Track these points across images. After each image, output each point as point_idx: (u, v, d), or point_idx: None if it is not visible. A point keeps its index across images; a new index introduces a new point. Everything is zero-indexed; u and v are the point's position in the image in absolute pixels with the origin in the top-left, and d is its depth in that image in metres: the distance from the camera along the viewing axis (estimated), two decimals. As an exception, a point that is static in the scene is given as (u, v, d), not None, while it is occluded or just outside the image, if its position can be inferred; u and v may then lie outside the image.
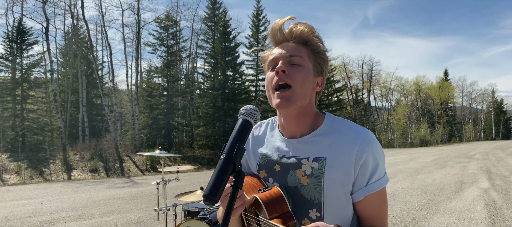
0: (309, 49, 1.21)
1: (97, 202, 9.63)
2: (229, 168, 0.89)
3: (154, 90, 28.56)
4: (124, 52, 30.27)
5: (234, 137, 0.95)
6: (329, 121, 1.25)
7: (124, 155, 21.72)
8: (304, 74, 1.17)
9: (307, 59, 1.19)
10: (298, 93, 1.16)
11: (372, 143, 1.18)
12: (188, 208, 4.80)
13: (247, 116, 1.01)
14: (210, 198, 0.85)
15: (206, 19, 31.30)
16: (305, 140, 1.23)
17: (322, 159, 1.18)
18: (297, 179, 1.21)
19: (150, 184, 13.18)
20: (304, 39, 1.20)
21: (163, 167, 5.43)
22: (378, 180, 1.18)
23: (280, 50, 1.20)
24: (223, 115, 27.83)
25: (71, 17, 27.20)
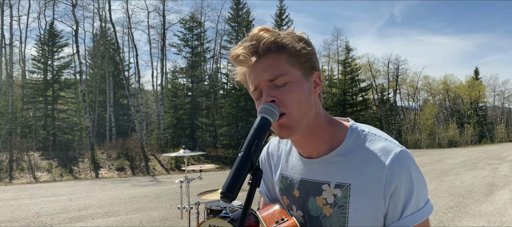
0: (285, 54, 0.98)
1: (123, 200, 9.87)
2: (246, 165, 0.86)
3: (178, 91, 29.02)
4: (150, 53, 30.96)
5: (252, 134, 0.91)
6: (353, 135, 1.05)
7: (150, 154, 22.15)
8: (295, 91, 0.98)
9: (291, 67, 0.98)
10: (296, 116, 0.98)
11: (404, 165, 0.97)
12: (210, 206, 4.85)
13: (265, 113, 0.94)
14: (227, 195, 0.82)
15: (230, 20, 31.54)
16: (325, 160, 1.06)
17: (346, 186, 1.01)
18: (318, 208, 1.06)
19: (174, 183, 13.40)
20: (274, 48, 0.98)
21: (187, 166, 5.51)
22: (415, 212, 0.97)
23: (256, 76, 0.99)
24: (246, 115, 27.96)
25: (99, 20, 28.01)
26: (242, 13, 30.78)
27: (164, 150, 23.61)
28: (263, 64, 0.98)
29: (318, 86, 1.05)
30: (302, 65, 1.00)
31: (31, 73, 25.75)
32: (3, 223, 7.41)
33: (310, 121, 1.02)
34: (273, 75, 0.97)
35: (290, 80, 0.98)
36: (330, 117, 1.10)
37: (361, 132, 1.06)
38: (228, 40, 32.23)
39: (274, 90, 0.98)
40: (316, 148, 1.07)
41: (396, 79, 47.29)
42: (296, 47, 0.99)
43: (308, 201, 1.09)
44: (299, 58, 1.00)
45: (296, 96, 0.98)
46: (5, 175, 16.08)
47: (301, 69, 1.00)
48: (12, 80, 25.18)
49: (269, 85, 0.98)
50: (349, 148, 1.04)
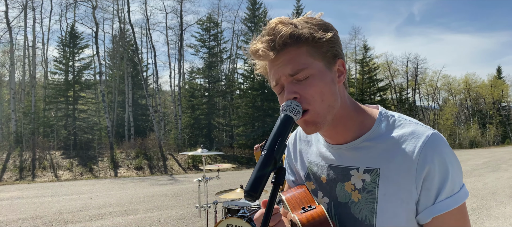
0: (305, 46, 0.95)
1: (142, 198, 10.01)
2: (270, 164, 0.84)
3: (196, 91, 29.26)
4: (168, 54, 31.36)
5: (275, 132, 0.89)
6: (383, 121, 1.02)
7: (167, 154, 22.41)
8: (317, 85, 0.95)
9: (311, 59, 0.95)
10: (321, 111, 0.96)
11: (438, 148, 0.93)
12: (228, 205, 4.86)
13: (288, 111, 0.92)
14: (251, 194, 0.82)
15: (246, 20, 31.60)
16: (353, 146, 1.03)
17: (375, 170, 0.98)
18: (347, 194, 1.03)
19: (192, 182, 13.50)
20: (292, 41, 0.94)
21: (205, 166, 5.54)
22: (450, 196, 0.92)
23: (276, 71, 0.97)
24: (262, 115, 27.97)
25: (118, 21, 28.50)
26: (258, 13, 30.81)
27: (181, 149, 23.84)
28: (282, 59, 0.95)
29: (342, 74, 1.01)
30: (323, 55, 0.97)
31: (53, 74, 26.44)
32: (27, 220, 7.61)
33: (336, 112, 1.00)
34: (294, 69, 0.94)
35: (312, 73, 0.95)
36: (358, 105, 1.07)
37: (390, 117, 1.03)
38: (244, 40, 32.32)
39: (295, 85, 0.95)
40: (344, 136, 1.05)
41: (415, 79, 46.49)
42: (315, 36, 0.95)
43: (336, 187, 1.06)
44: (320, 48, 0.96)
45: (319, 89, 0.95)
46: (28, 174, 16.52)
47: (322, 60, 0.97)
48: (35, 81, 25.87)
49: (290, 80, 0.95)
50: (378, 133, 1.01)
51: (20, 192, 11.59)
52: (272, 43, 0.94)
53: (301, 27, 0.95)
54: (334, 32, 0.99)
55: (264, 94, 28.42)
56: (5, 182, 14.66)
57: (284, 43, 0.94)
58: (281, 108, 0.94)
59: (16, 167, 17.01)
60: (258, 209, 4.73)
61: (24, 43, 26.40)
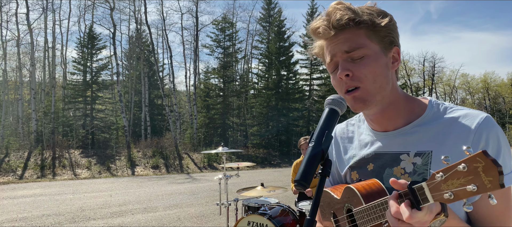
0: (364, 28, 0.99)
1: (160, 196, 10.15)
2: (318, 155, 0.87)
3: (211, 91, 29.46)
4: (183, 54, 31.59)
5: (321, 125, 0.92)
6: (433, 108, 1.05)
7: (183, 153, 22.62)
8: (371, 65, 0.98)
9: (369, 41, 0.99)
10: (371, 90, 1.00)
11: (493, 128, 0.95)
12: (248, 203, 4.91)
13: (334, 105, 0.95)
14: (302, 183, 0.84)
15: (261, 20, 31.67)
16: (403, 132, 1.06)
17: (427, 153, 1.00)
18: (396, 178, 1.03)
19: (208, 180, 13.62)
20: (352, 23, 0.98)
21: (225, 163, 5.60)
22: None
23: (333, 47, 1.01)
24: (276, 115, 27.96)
25: (135, 22, 28.90)
26: (273, 13, 30.83)
27: (197, 148, 24.04)
28: (341, 37, 0.99)
29: (396, 61, 1.05)
30: (381, 39, 1.00)
31: (72, 75, 26.98)
32: (51, 216, 7.81)
33: (386, 95, 1.03)
34: (351, 47, 0.98)
35: (367, 54, 0.98)
36: (408, 94, 1.10)
37: (441, 104, 1.06)
38: (259, 40, 32.39)
39: (349, 63, 0.99)
40: (393, 122, 1.07)
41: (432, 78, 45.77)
42: (375, 21, 0.99)
43: (383, 173, 1.08)
44: (379, 32, 0.99)
45: (372, 70, 0.98)
46: (49, 172, 16.91)
47: (379, 44, 1.00)
48: (54, 82, 26.46)
49: (345, 57, 0.99)
50: (429, 119, 1.03)
51: (42, 190, 11.88)
52: (332, 22, 0.98)
53: (362, 10, 0.99)
54: (393, 22, 1.03)
55: (278, 93, 28.42)
56: (27, 180, 15.05)
57: (346, 23, 0.98)
58: (326, 102, 0.97)
59: (37, 165, 17.43)
60: (278, 207, 4.77)
61: (44, 44, 27.03)
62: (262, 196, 4.89)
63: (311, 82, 32.80)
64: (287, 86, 29.27)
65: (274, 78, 28.88)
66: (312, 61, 32.46)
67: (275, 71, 28.87)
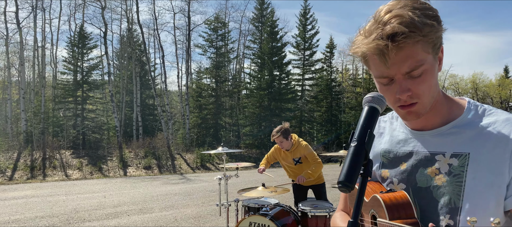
0: (421, 41, 0.91)
1: (155, 197, 10.05)
2: (362, 155, 0.84)
3: (203, 91, 29.35)
4: (175, 54, 31.48)
5: (363, 124, 0.89)
6: (472, 109, 1.04)
7: (176, 153, 22.48)
8: (429, 80, 0.96)
9: (425, 55, 0.93)
10: (427, 103, 0.99)
11: None
12: (248, 204, 4.88)
13: (374, 103, 0.93)
14: (346, 184, 0.81)
15: (254, 20, 31.65)
16: (440, 132, 1.04)
17: (464, 155, 0.98)
18: (429, 178, 1.03)
19: (203, 181, 13.55)
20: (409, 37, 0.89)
21: (225, 164, 5.56)
22: None
23: (391, 65, 0.93)
24: (269, 115, 27.97)
25: (126, 21, 28.62)
26: (266, 13, 30.84)
27: (189, 149, 23.92)
28: (399, 55, 0.91)
29: (441, 61, 1.02)
30: (434, 46, 0.95)
31: (62, 74, 26.62)
32: (44, 218, 7.67)
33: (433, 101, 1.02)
34: (411, 67, 0.92)
35: (426, 69, 0.94)
36: (446, 94, 1.09)
37: (480, 106, 1.04)
38: (252, 40, 32.37)
39: (408, 81, 0.95)
40: (431, 121, 1.06)
41: (422, 78, 46.26)
42: (431, 30, 0.91)
43: (417, 173, 1.06)
44: (433, 41, 0.94)
45: (429, 84, 0.96)
46: (39, 173, 16.65)
47: (433, 52, 0.95)
48: (44, 81, 26.07)
49: (405, 77, 0.94)
50: (468, 120, 1.02)
51: (33, 191, 11.68)
52: (391, 40, 0.90)
53: (423, 22, 0.90)
54: (441, 21, 0.96)
55: (271, 94, 28.44)
56: (17, 181, 14.79)
57: (402, 39, 0.89)
58: (366, 100, 0.94)
59: (27, 166, 17.15)
60: (279, 207, 4.75)
61: (33, 43, 26.60)
62: (264, 196, 4.86)
63: (303, 82, 32.91)
64: (279, 86, 29.30)
65: (266, 78, 28.88)
66: (305, 62, 32.59)
67: (267, 71, 28.89)
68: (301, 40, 32.34)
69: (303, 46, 32.31)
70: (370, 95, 0.95)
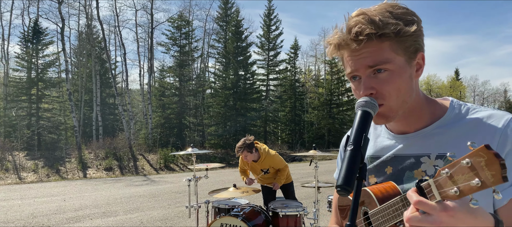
0: (388, 41, 0.92)
1: (119, 199, 9.75)
2: (358, 158, 0.83)
3: (166, 90, 28.77)
4: (137, 52, 30.60)
5: (358, 128, 0.88)
6: (455, 109, 1.02)
7: (138, 154, 21.91)
8: (395, 82, 0.94)
9: (394, 55, 0.93)
10: (394, 106, 0.97)
11: None
12: (218, 205, 4.85)
13: (367, 107, 0.92)
14: (346, 188, 0.80)
15: (218, 19, 31.45)
16: (423, 133, 1.03)
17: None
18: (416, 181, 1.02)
19: (168, 182, 13.31)
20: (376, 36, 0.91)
21: (195, 165, 5.50)
22: None
23: (355, 62, 0.95)
24: (235, 115, 27.94)
25: (85, 17, 27.50)
26: (231, 13, 30.74)
27: (152, 149, 23.39)
28: (364, 51, 0.93)
29: (420, 68, 1.01)
30: (406, 50, 0.94)
31: (15, 71, 25.12)
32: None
33: (409, 106, 1.00)
34: (374, 62, 0.93)
35: (392, 69, 0.93)
36: (429, 97, 1.07)
37: (463, 105, 1.03)
38: (216, 39, 32.16)
39: (373, 80, 0.95)
40: (414, 124, 1.05)
41: (381, 80, 47.95)
42: (400, 30, 0.91)
43: (404, 176, 1.05)
44: (404, 43, 0.93)
45: (396, 86, 0.94)
46: (-10, 176, 15.63)
47: (404, 55, 0.94)
48: (-6, 78, 24.50)
49: (368, 72, 0.95)
50: (451, 120, 1.01)
51: (-16, 196, 10.96)
52: (355, 35, 0.92)
53: (386, 21, 0.91)
54: (419, 24, 0.96)
55: (236, 93, 28.42)
56: (-35, 185, 13.81)
57: (367, 36, 0.91)
58: (359, 104, 0.94)
59: (-24, 169, 16.05)
60: (249, 207, 4.76)
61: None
62: (235, 197, 4.85)
63: (268, 82, 33.15)
64: (245, 86, 29.34)
65: (232, 77, 28.83)
66: (269, 62, 32.84)
67: (232, 70, 28.84)
68: (265, 41, 32.56)
69: (268, 47, 32.54)
70: (363, 100, 0.94)
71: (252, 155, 4.86)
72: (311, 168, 4.64)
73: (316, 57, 42.06)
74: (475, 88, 62.72)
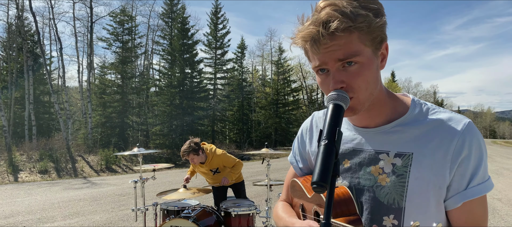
0: (357, 32, 0.90)
1: (56, 204, 9.07)
2: (333, 153, 0.80)
3: (107, 87, 27.40)
4: (76, 47, 28.78)
5: (331, 122, 0.85)
6: (417, 108, 1.03)
7: (77, 155, 20.64)
8: (365, 74, 0.93)
9: (363, 47, 0.91)
10: (363, 99, 0.96)
11: (476, 135, 0.95)
12: (167, 207, 4.67)
13: (338, 100, 0.90)
14: (321, 184, 0.76)
15: (164, 15, 30.58)
16: (384, 131, 1.03)
17: (408, 155, 0.97)
18: (373, 177, 1.02)
19: (110, 185, 12.67)
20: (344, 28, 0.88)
21: (141, 165, 5.25)
22: (481, 183, 0.95)
23: (324, 55, 0.92)
24: (181, 114, 27.34)
25: (16, 8, 25.30)
26: (176, 9, 30.02)
27: (92, 150, 22.17)
28: (332, 44, 0.90)
29: (384, 58, 1.00)
30: (373, 40, 0.93)
31: None
32: None
33: (373, 98, 0.99)
34: (345, 55, 0.90)
35: (361, 62, 0.92)
36: (391, 92, 1.07)
37: (424, 104, 1.04)
38: (161, 36, 31.22)
39: (342, 73, 0.93)
40: (375, 119, 1.04)
41: (324, 80, 49.64)
42: (369, 22, 0.90)
43: (360, 171, 1.04)
44: (371, 34, 0.92)
45: (365, 79, 0.93)
46: None
47: (372, 46, 0.93)
48: None
49: (338, 65, 0.92)
50: (412, 119, 1.01)
51: None
52: (323, 27, 0.89)
53: (356, 12, 0.89)
54: (384, 13, 0.95)
55: (182, 92, 27.82)
56: None
57: (336, 29, 0.88)
58: (330, 97, 0.91)
59: None
60: (200, 208, 4.64)
61: None
62: (185, 198, 4.69)
63: (215, 81, 32.89)
64: (191, 84, 28.82)
65: (178, 75, 28.16)
66: (216, 61, 32.60)
67: (179, 68, 28.18)
68: (212, 39, 32.28)
69: (215, 45, 32.30)
70: (334, 93, 0.91)
71: (199, 157, 4.72)
72: (264, 166, 4.63)
73: (263, 57, 42.53)
74: (409, 89, 67.37)
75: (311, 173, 1.25)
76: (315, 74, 1.00)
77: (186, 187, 4.68)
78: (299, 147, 1.29)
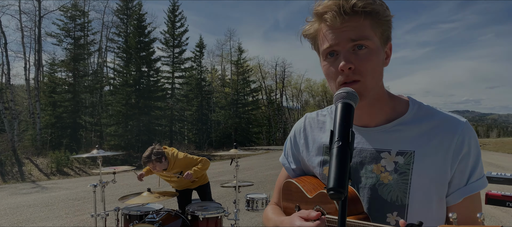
0: (370, 19, 0.95)
1: (2, 211, 8.40)
2: (348, 155, 0.75)
3: (58, 86, 25.93)
4: (22, 42, 26.89)
5: (343, 123, 0.80)
6: (415, 107, 1.06)
7: (24, 158, 19.35)
8: (373, 60, 0.95)
9: (373, 34, 0.95)
10: (369, 85, 0.96)
11: (473, 134, 1.00)
12: (129, 212, 4.45)
13: (348, 99, 0.86)
14: (339, 190, 0.71)
15: (119, 12, 29.46)
16: (385, 130, 1.05)
17: (409, 153, 1.00)
18: (375, 176, 1.03)
19: (63, 189, 11.96)
20: (361, 11, 0.93)
21: (101, 168, 4.97)
22: (479, 179, 1.00)
23: (338, 35, 0.94)
24: (137, 113, 26.47)
25: (-47, -2, 23.28)
26: (132, 6, 29.04)
27: (41, 152, 20.89)
28: (348, 25, 0.94)
29: (388, 57, 1.04)
30: (382, 33, 0.98)
31: None
32: None
33: (376, 92, 1.01)
34: (358, 36, 0.94)
35: (371, 47, 0.96)
36: (390, 92, 1.10)
37: (422, 104, 1.07)
38: (116, 32, 30.06)
39: (352, 55, 0.95)
40: (375, 118, 1.06)
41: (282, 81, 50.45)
42: (382, 13, 0.96)
43: (361, 170, 1.05)
44: (382, 26, 0.97)
45: (373, 65, 0.96)
46: None
47: (380, 38, 0.98)
48: None
49: (348, 47, 0.95)
50: (412, 118, 1.04)
51: None
52: (342, 8, 0.93)
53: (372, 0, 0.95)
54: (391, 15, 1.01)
55: (139, 91, 26.95)
56: None
57: (354, 11, 0.93)
58: (339, 96, 0.87)
59: None
60: (165, 212, 4.46)
61: None
62: (150, 202, 4.49)
63: (173, 80, 32.21)
64: (148, 83, 27.97)
65: (134, 74, 27.22)
66: (174, 59, 31.95)
67: (135, 67, 27.27)
68: (170, 37, 31.61)
69: (173, 43, 31.63)
70: (343, 91, 0.87)
71: (162, 165, 4.53)
72: (231, 167, 4.55)
73: (222, 57, 42.29)
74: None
75: (304, 174, 1.24)
76: (321, 60, 1.02)
77: (150, 191, 4.48)
78: (292, 148, 1.28)
